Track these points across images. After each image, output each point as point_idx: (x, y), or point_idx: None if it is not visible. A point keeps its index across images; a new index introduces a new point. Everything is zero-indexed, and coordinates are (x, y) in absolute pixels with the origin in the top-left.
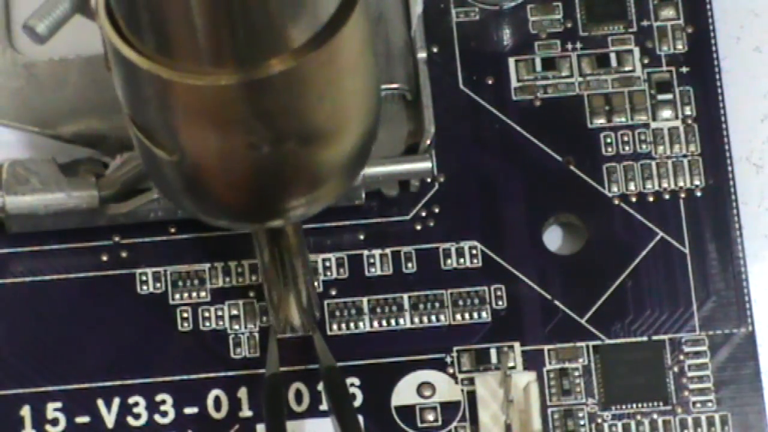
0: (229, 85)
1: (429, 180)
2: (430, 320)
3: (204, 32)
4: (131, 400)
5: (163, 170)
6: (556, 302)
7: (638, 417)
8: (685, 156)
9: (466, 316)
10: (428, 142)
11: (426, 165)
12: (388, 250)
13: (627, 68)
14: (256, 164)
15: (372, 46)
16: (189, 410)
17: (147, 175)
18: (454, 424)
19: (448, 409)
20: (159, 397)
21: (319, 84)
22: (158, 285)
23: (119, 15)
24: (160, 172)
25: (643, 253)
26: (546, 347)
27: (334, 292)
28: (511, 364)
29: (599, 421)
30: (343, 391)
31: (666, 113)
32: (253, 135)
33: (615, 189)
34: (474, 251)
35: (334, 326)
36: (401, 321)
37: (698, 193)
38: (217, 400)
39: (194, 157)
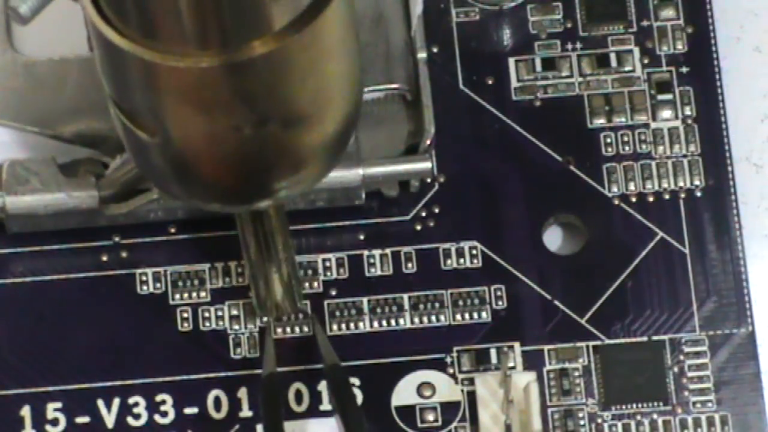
0: (212, 67)
1: (429, 180)
2: (430, 320)
3: (187, 14)
4: (131, 400)
5: (148, 154)
6: (556, 302)
7: (638, 417)
8: (685, 156)
9: (466, 316)
10: (428, 142)
11: (426, 165)
12: (388, 250)
13: (627, 68)
14: (239, 146)
15: (354, 29)
16: (189, 410)
17: (132, 160)
18: (454, 424)
19: (448, 409)
20: (159, 397)
21: (302, 66)
22: (158, 285)
23: None
24: (144, 155)
25: (643, 253)
26: (546, 347)
27: (334, 292)
28: (511, 364)
29: (599, 421)
30: (346, 389)
31: (666, 113)
32: (235, 117)
33: (615, 189)
34: (474, 251)
35: (334, 326)
36: (401, 321)
37: (698, 193)
38: (217, 400)
39: (178, 140)
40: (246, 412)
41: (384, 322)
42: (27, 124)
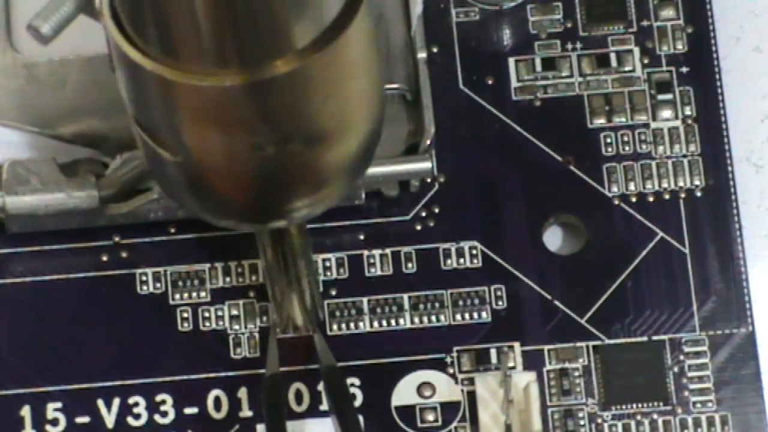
0: (234, 86)
1: (429, 180)
2: (430, 320)
3: (208, 33)
4: (131, 400)
5: (167, 171)
6: (556, 302)
7: (638, 417)
8: (685, 156)
9: (466, 316)
10: (428, 142)
11: (426, 165)
12: (388, 250)
13: (627, 68)
14: (260, 165)
15: (376, 46)
16: (189, 410)
17: (150, 176)
18: (454, 424)
19: (448, 409)
20: (159, 397)
21: (324, 85)
22: (158, 285)
23: (124, 15)
24: (164, 172)
25: (643, 253)
26: (546, 347)
27: (334, 292)
28: (511, 364)
29: (599, 421)
30: (343, 391)
31: (666, 113)
32: (257, 136)
33: (615, 189)
34: (474, 251)
35: (334, 326)
36: (401, 321)
37: (698, 193)
38: (217, 400)
39: (198, 158)
40: (246, 412)
41: (384, 322)
42: (27, 124)
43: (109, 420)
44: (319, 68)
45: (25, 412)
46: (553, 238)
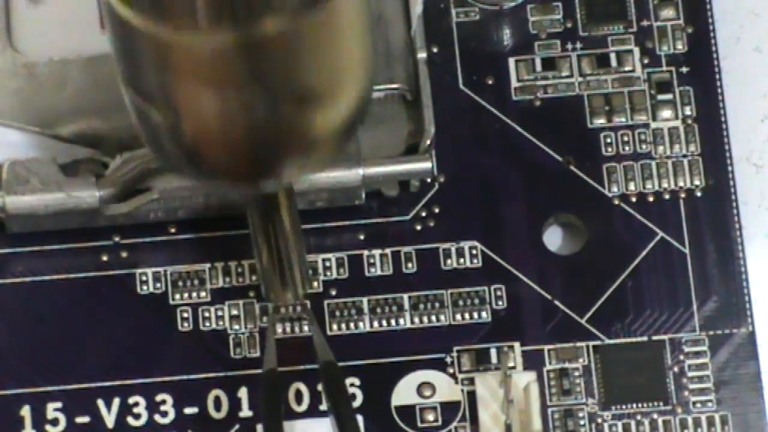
0: (225, 44)
1: (429, 180)
2: (430, 320)
3: None
4: (131, 400)
5: (159, 132)
6: (556, 302)
7: (638, 417)
8: (685, 156)
9: (466, 316)
10: (428, 142)
11: (426, 165)
12: (388, 250)
13: (627, 68)
14: (251, 124)
15: (368, 11)
16: (189, 410)
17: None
18: (454, 424)
19: (448, 409)
20: (159, 397)
21: (315, 45)
22: (158, 285)
23: None
24: (155, 134)
25: (643, 253)
26: (546, 347)
27: (334, 292)
28: (511, 364)
29: (599, 421)
30: (340, 387)
31: (666, 113)
32: (248, 95)
33: (615, 189)
34: (474, 251)
35: (334, 326)
36: (401, 321)
37: (698, 193)
38: (217, 400)
39: (190, 117)
40: (246, 412)
41: (384, 322)
42: (27, 124)
43: (109, 420)
44: (311, 28)
45: (25, 412)
46: (553, 238)
